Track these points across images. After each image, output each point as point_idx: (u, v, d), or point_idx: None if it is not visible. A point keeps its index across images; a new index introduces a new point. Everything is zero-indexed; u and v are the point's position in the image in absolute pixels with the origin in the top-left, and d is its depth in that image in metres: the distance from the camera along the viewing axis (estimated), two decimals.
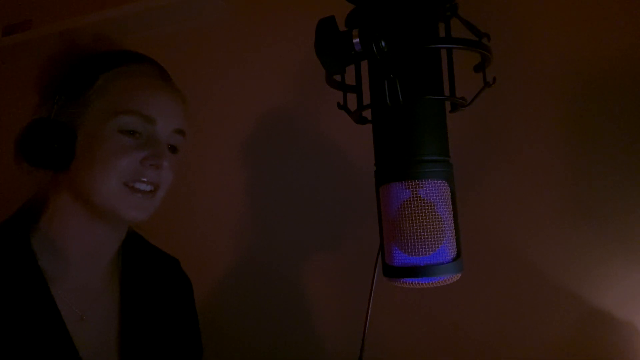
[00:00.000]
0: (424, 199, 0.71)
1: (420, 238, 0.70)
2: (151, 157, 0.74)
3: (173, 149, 0.79)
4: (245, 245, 1.30)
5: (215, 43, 1.37)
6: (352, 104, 0.81)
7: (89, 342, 0.75)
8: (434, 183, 0.72)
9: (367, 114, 0.81)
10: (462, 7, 0.79)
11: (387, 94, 0.69)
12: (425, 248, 0.70)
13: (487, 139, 1.09)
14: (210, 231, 1.33)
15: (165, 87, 0.79)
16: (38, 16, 1.56)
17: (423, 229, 0.70)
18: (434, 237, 0.71)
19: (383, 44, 0.65)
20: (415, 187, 0.71)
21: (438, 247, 0.71)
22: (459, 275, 0.73)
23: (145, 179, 0.74)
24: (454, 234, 0.73)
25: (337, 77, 0.81)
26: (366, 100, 0.78)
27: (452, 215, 0.73)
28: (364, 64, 0.79)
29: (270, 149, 1.30)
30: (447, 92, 0.78)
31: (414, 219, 0.71)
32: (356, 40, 0.66)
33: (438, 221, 0.71)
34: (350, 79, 0.80)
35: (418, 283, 0.74)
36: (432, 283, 0.73)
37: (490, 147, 1.09)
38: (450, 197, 0.73)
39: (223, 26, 1.37)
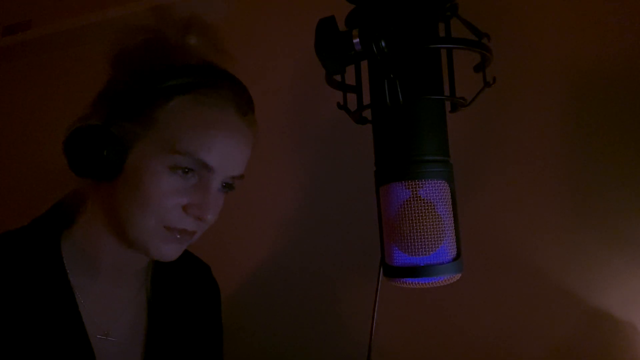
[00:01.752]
0: (424, 199, 0.71)
1: (420, 238, 0.70)
2: (196, 207, 0.68)
3: (228, 187, 0.72)
4: (249, 248, 1.30)
5: None
6: (352, 104, 0.81)
7: (112, 358, 0.72)
8: (434, 183, 0.72)
9: (367, 114, 0.81)
10: (462, 7, 0.79)
11: (387, 94, 0.69)
12: (425, 248, 0.70)
13: (487, 139, 1.09)
14: (219, 235, 1.33)
15: (238, 127, 0.71)
16: (38, 16, 1.56)
17: (423, 229, 0.70)
18: (434, 237, 0.71)
19: (383, 44, 0.65)
20: (415, 187, 0.72)
21: (438, 247, 0.71)
22: (459, 275, 0.73)
23: (184, 228, 0.69)
24: (454, 234, 0.73)
25: (337, 77, 0.81)
26: (366, 100, 0.78)
27: (452, 215, 0.73)
28: (364, 64, 0.79)
29: (270, 149, 1.30)
30: (447, 92, 0.78)
31: (414, 219, 0.71)
32: (356, 40, 0.66)
33: (438, 221, 0.71)
34: (350, 79, 0.80)
35: (418, 283, 0.74)
36: (432, 283, 0.73)
37: (490, 147, 1.09)
38: (450, 197, 0.73)
39: (222, 26, 1.36)
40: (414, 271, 0.71)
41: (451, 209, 0.73)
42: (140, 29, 0.71)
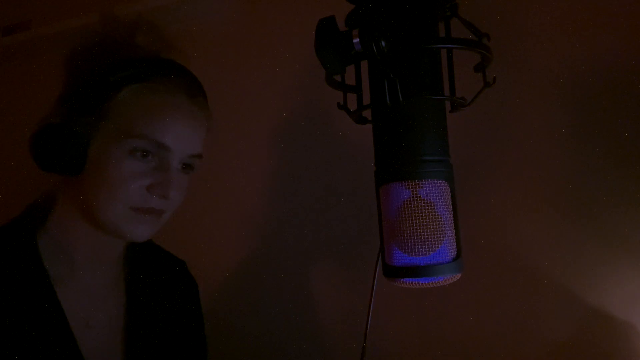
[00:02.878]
0: (424, 199, 0.71)
1: (420, 238, 0.70)
2: (158, 186, 0.72)
3: (188, 167, 0.77)
4: (247, 246, 1.30)
5: (214, 44, 1.37)
6: (352, 104, 0.81)
7: (94, 348, 0.74)
8: (434, 183, 0.72)
9: (367, 114, 0.81)
10: (462, 7, 0.79)
11: (387, 94, 0.69)
12: (425, 248, 0.70)
13: (487, 139, 1.09)
14: (213, 232, 1.33)
15: (189, 109, 0.75)
16: (38, 16, 1.56)
17: (423, 229, 0.70)
18: (434, 237, 0.71)
19: (383, 44, 0.65)
20: (415, 187, 0.71)
21: (438, 247, 0.71)
22: (459, 275, 0.73)
23: (151, 206, 0.73)
24: (454, 234, 0.73)
25: (337, 77, 0.81)
26: (366, 100, 0.78)
27: (452, 215, 0.73)
28: (364, 64, 0.79)
29: (270, 149, 1.30)
30: (447, 92, 0.78)
31: (414, 219, 0.71)
32: (356, 40, 0.66)
33: (438, 221, 0.71)
34: (350, 79, 0.80)
35: (418, 283, 0.74)
36: (432, 283, 0.73)
37: (490, 147, 1.09)
38: (450, 197, 0.73)
39: (222, 27, 1.37)
40: (414, 271, 0.71)
41: (451, 209, 0.73)
42: (89, 33, 0.76)
